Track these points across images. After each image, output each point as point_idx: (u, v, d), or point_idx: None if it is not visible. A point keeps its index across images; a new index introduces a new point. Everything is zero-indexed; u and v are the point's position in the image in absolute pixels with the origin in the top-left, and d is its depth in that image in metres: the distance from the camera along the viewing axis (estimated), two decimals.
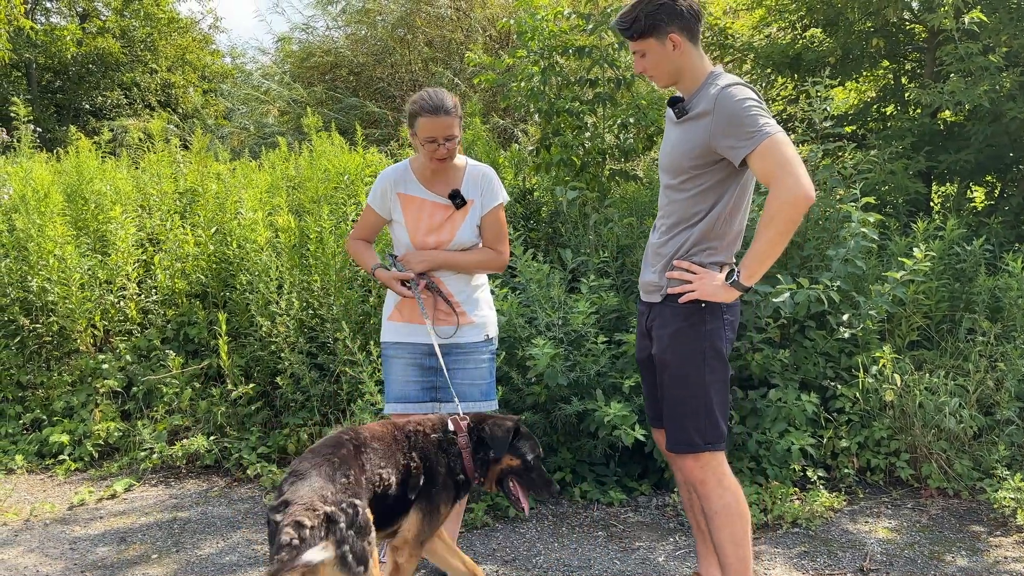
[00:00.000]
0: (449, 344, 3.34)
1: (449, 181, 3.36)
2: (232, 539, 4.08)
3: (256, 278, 5.23)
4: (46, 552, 3.97)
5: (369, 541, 2.42)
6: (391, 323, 3.45)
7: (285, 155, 7.26)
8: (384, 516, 2.68)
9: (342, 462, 2.56)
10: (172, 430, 5.14)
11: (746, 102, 2.64)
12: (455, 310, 3.35)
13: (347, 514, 2.36)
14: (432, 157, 3.24)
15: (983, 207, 6.81)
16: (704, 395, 2.81)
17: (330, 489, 2.43)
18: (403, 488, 2.74)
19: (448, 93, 3.27)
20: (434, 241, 3.33)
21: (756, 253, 2.63)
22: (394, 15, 11.75)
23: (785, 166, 2.54)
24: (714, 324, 2.80)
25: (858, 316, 4.56)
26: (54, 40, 17.28)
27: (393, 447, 2.78)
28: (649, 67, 2.85)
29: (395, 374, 3.41)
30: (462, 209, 3.34)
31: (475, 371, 3.38)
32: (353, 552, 2.34)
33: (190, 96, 18.69)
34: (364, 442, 2.72)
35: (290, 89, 12.04)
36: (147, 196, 6.42)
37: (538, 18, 5.83)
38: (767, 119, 2.61)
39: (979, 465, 4.37)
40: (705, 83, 2.78)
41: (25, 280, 5.59)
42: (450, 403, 3.34)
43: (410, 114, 3.27)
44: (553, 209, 6.14)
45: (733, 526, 2.86)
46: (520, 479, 2.95)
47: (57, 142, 12.63)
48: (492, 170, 3.46)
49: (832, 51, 6.81)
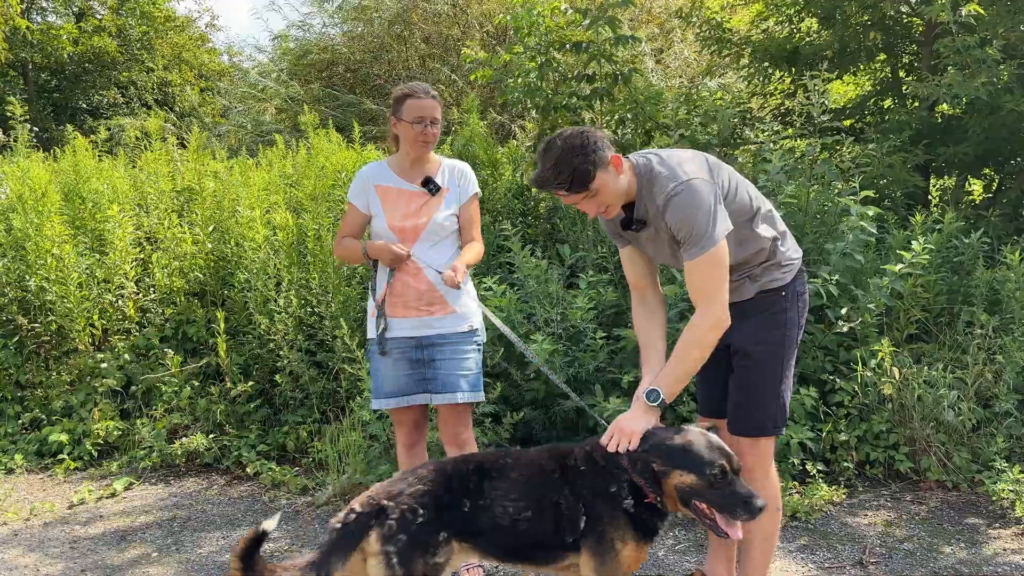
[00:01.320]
0: (433, 335, 3.37)
1: (425, 172, 3.45)
2: (232, 537, 4.09)
3: (254, 276, 5.23)
4: (46, 551, 3.97)
5: (427, 561, 2.37)
6: (375, 319, 3.46)
7: (282, 153, 7.26)
8: (519, 552, 2.57)
9: (440, 477, 2.52)
10: (171, 428, 5.14)
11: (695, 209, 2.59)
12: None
13: (404, 518, 2.37)
14: (418, 139, 3.34)
15: (981, 200, 6.81)
16: (781, 381, 2.82)
17: (399, 489, 2.46)
18: (552, 526, 2.52)
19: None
20: (411, 225, 3.37)
21: (682, 375, 2.64)
22: (390, 12, 11.71)
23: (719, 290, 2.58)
24: (793, 312, 2.82)
25: (857, 310, 4.56)
26: (50, 39, 17.22)
27: (538, 482, 2.56)
28: (604, 200, 2.66)
29: (383, 370, 3.42)
30: (437, 196, 3.42)
31: (462, 361, 3.39)
32: (399, 557, 2.34)
33: (187, 94, 18.64)
34: (501, 468, 2.58)
35: (287, 87, 12.02)
36: (144, 195, 6.41)
37: (535, 14, 5.83)
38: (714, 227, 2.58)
39: (977, 458, 4.38)
40: (640, 186, 2.69)
41: (23, 280, 5.58)
42: (441, 394, 3.37)
43: (397, 98, 3.39)
44: (551, 205, 6.14)
45: (769, 521, 2.87)
46: (704, 499, 2.46)
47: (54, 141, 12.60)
48: (466, 165, 3.56)
49: (829, 45, 6.80)
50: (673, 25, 10.83)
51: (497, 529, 2.51)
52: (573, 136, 2.58)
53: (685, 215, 2.55)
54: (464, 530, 2.50)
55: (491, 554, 2.60)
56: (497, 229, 5.61)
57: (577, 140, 2.57)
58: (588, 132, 2.60)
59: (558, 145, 2.58)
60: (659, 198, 2.61)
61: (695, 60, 10.69)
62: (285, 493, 4.62)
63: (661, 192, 2.61)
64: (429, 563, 2.38)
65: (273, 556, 3.83)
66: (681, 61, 11.06)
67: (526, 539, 2.53)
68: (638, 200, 2.70)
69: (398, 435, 3.54)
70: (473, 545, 2.54)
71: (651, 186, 2.65)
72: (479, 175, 6.57)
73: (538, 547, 2.56)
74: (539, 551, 2.57)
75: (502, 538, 2.53)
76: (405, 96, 3.36)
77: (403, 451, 3.55)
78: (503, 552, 2.59)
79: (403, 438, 3.52)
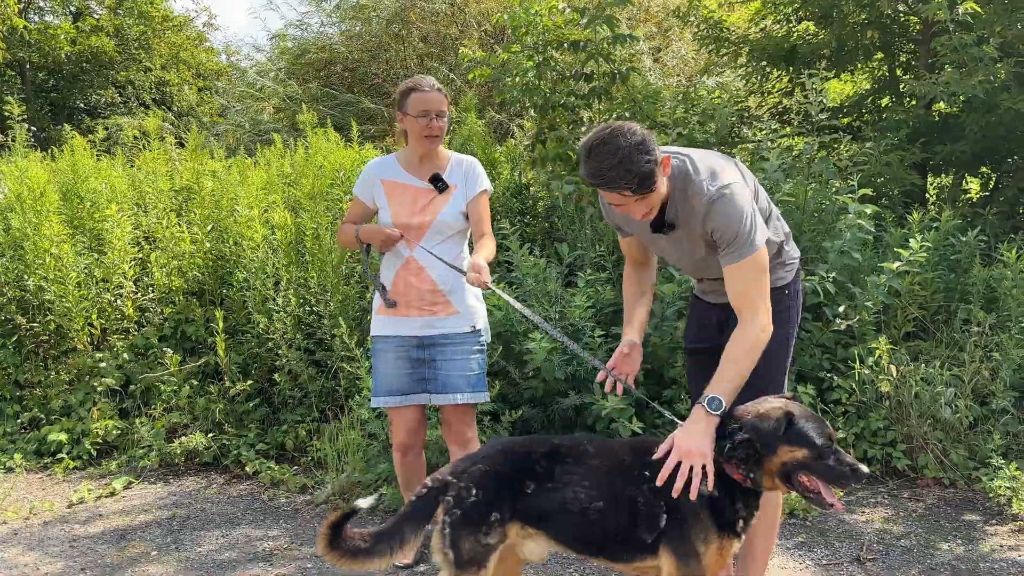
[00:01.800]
0: (435, 335, 3.36)
1: (434, 168, 3.42)
2: (232, 536, 4.09)
3: (253, 275, 5.24)
4: (46, 550, 3.98)
5: (477, 539, 2.39)
6: (379, 317, 3.46)
7: (281, 152, 7.26)
8: (594, 544, 2.49)
9: (507, 458, 2.51)
10: (170, 428, 5.15)
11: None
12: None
13: (459, 495, 2.41)
14: (424, 133, 3.30)
15: (978, 198, 6.82)
16: (780, 376, 2.84)
17: (463, 467, 2.50)
18: (627, 521, 2.43)
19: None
20: (417, 222, 3.35)
21: (738, 381, 2.50)
22: (388, 11, 11.71)
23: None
24: (793, 310, 2.85)
25: (854, 308, 4.57)
26: (48, 39, 17.20)
27: (615, 473, 2.48)
28: (654, 202, 2.57)
29: (384, 368, 3.42)
30: (444, 193, 3.39)
31: (463, 362, 3.38)
32: (452, 532, 2.40)
33: (185, 94, 18.63)
34: (579, 455, 2.51)
35: (285, 86, 12.02)
36: (143, 194, 6.41)
37: (532, 12, 5.83)
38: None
39: (974, 455, 4.39)
40: (673, 188, 2.62)
41: (22, 279, 5.59)
42: (441, 394, 3.36)
43: (402, 92, 3.37)
44: (549, 204, 6.15)
45: (771, 516, 2.87)
46: (812, 471, 2.37)
47: (52, 141, 12.59)
48: (476, 160, 3.52)
49: (827, 43, 6.81)
50: (671, 24, 10.84)
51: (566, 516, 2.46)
52: (634, 133, 2.44)
53: (728, 221, 2.52)
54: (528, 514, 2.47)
55: (562, 543, 2.54)
56: (495, 228, 5.62)
57: (639, 137, 2.43)
58: (644, 130, 2.48)
59: (621, 144, 2.41)
60: (697, 202, 2.57)
61: (693, 59, 10.70)
62: (284, 492, 4.63)
63: (700, 196, 2.56)
64: (481, 543, 2.41)
65: (273, 554, 3.84)
66: (679, 60, 11.08)
67: (599, 530, 2.45)
68: (670, 203, 2.64)
69: (394, 436, 3.50)
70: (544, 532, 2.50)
71: (685, 189, 2.60)
72: None
73: (613, 541, 2.47)
74: (615, 545, 2.48)
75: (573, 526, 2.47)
76: (410, 90, 3.34)
77: (397, 454, 3.51)
78: (575, 542, 2.53)
79: (399, 439, 3.48)
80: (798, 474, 2.37)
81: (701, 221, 2.60)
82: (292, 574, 3.63)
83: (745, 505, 2.45)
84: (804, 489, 2.39)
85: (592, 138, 2.48)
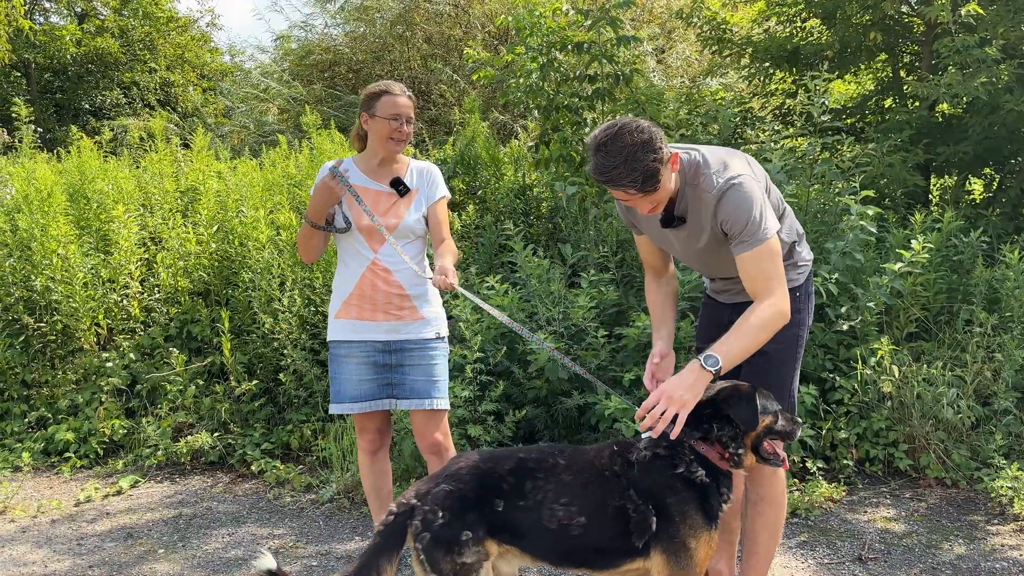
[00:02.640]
0: (402, 340, 3.30)
1: (392, 173, 3.36)
2: (237, 534, 4.13)
3: (258, 275, 5.27)
4: (54, 548, 4.01)
5: (454, 560, 2.35)
6: (340, 321, 3.35)
7: (285, 153, 7.30)
8: (575, 556, 2.47)
9: (472, 477, 2.45)
10: (176, 427, 5.18)
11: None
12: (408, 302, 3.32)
13: (426, 519, 2.37)
14: (391, 136, 3.26)
15: (981, 199, 6.84)
16: (791, 376, 2.86)
17: (426, 488, 2.45)
18: (616, 531, 2.43)
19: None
20: (382, 227, 3.28)
21: (741, 351, 2.51)
22: (392, 12, 11.76)
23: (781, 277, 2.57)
24: (804, 312, 2.87)
25: (856, 308, 4.59)
26: (53, 40, 17.28)
27: (593, 485, 2.46)
28: (661, 198, 2.58)
29: (347, 374, 3.33)
30: (406, 196, 3.34)
31: (429, 367, 3.33)
32: (427, 557, 2.37)
33: (190, 95, 18.69)
34: (549, 469, 2.47)
35: (289, 87, 12.06)
36: (149, 195, 6.46)
37: (536, 14, 5.86)
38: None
39: (977, 455, 4.41)
40: (683, 183, 2.64)
41: (29, 279, 5.63)
42: (408, 399, 3.31)
43: (371, 94, 3.29)
44: (553, 204, 6.17)
45: (775, 515, 2.90)
46: (774, 435, 2.56)
47: (57, 142, 12.65)
48: (435, 166, 3.48)
49: (830, 45, 6.83)
50: (675, 25, 10.85)
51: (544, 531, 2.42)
52: (642, 130, 2.44)
53: (738, 211, 2.53)
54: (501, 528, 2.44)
55: (540, 558, 2.51)
56: (499, 229, 5.65)
57: (646, 135, 2.44)
58: (652, 127, 2.48)
59: (627, 142, 2.42)
60: (707, 196, 2.58)
61: (696, 60, 10.72)
62: (289, 491, 4.66)
63: (710, 189, 2.57)
64: (457, 562, 2.36)
65: (279, 552, 3.87)
66: (683, 61, 11.10)
67: (580, 543, 2.42)
68: (679, 197, 2.65)
69: (360, 441, 3.45)
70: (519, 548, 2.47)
71: (696, 183, 2.61)
72: (481, 175, 6.62)
73: (597, 552, 2.45)
74: (598, 556, 2.46)
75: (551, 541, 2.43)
76: (382, 92, 3.27)
77: (365, 458, 3.47)
78: (556, 556, 2.50)
79: (366, 443, 3.44)
80: (764, 441, 2.55)
81: (712, 214, 2.60)
82: (297, 572, 3.66)
83: (728, 488, 2.52)
84: (767, 455, 2.57)
85: (599, 135, 2.48)
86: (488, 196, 6.43)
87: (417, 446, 3.52)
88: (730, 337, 2.49)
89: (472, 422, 4.42)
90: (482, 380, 4.49)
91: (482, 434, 4.36)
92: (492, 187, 6.48)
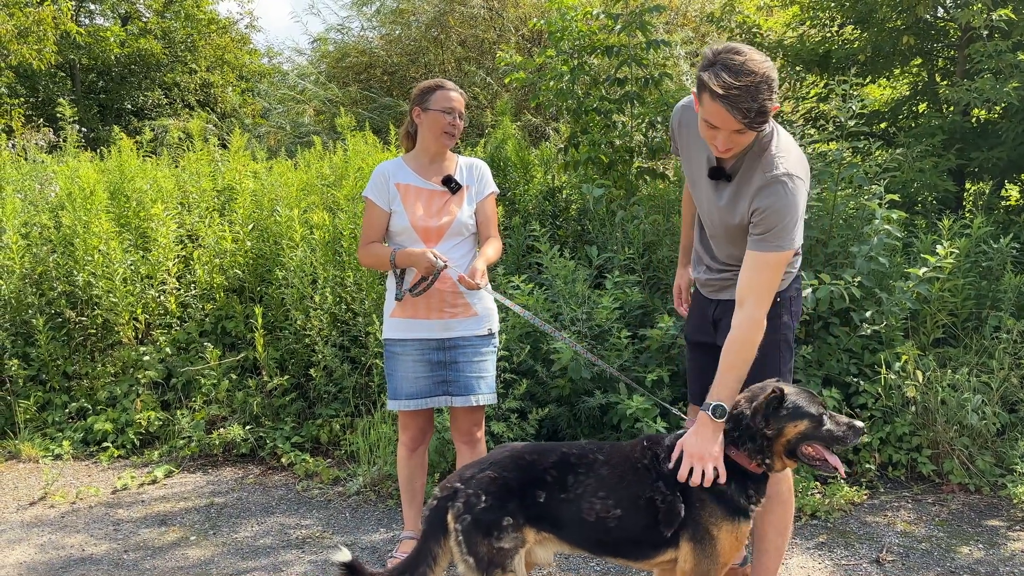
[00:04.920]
0: (455, 337, 3.38)
1: (443, 171, 3.44)
2: (267, 523, 4.24)
3: (291, 273, 5.38)
4: (91, 533, 4.16)
5: (491, 543, 2.41)
6: (395, 319, 3.43)
7: (320, 154, 7.42)
8: (612, 546, 2.54)
9: (516, 467, 2.53)
10: (210, 420, 5.32)
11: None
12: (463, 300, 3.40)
13: (468, 501, 2.44)
14: (445, 129, 3.34)
15: (1016, 204, 6.77)
16: (777, 377, 2.87)
17: (471, 474, 2.53)
18: (644, 520, 2.50)
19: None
20: (435, 225, 3.35)
21: (735, 383, 2.55)
22: (428, 15, 11.87)
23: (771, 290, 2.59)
24: (787, 317, 2.88)
25: (881, 313, 4.59)
26: (98, 41, 17.67)
27: (628, 478, 2.53)
28: (744, 141, 2.53)
29: (403, 371, 3.41)
30: (458, 194, 3.42)
31: (480, 364, 3.42)
32: (466, 538, 2.43)
33: (228, 96, 19.01)
34: (590, 463, 2.55)
35: (325, 89, 12.22)
36: (187, 194, 6.61)
37: (568, 18, 5.92)
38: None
39: (1001, 462, 4.38)
40: (752, 147, 2.59)
41: (71, 275, 5.80)
42: (460, 396, 3.39)
43: (425, 89, 3.39)
44: (581, 206, 6.22)
45: (783, 514, 2.93)
46: (814, 439, 2.48)
47: (100, 141, 12.94)
48: (483, 162, 3.55)
49: (862, 49, 6.81)
50: (708, 29, 10.84)
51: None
52: (770, 69, 2.38)
53: (776, 207, 2.51)
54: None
55: (579, 547, 2.58)
56: (527, 230, 5.72)
57: (772, 74, 2.38)
58: (774, 68, 2.41)
59: (758, 69, 2.35)
60: (760, 173, 2.55)
61: None
62: (318, 483, 4.77)
63: (767, 168, 2.54)
64: (494, 546, 2.42)
65: (305, 542, 3.98)
66: None
67: (616, 534, 2.50)
68: (739, 155, 2.61)
69: (404, 435, 3.53)
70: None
71: (760, 155, 2.57)
72: (510, 177, 6.68)
73: (632, 542, 2.52)
74: (633, 546, 2.53)
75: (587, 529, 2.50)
76: (436, 87, 3.37)
77: (405, 451, 3.55)
78: (594, 546, 2.57)
79: (408, 441, 3.52)
80: (802, 446, 2.48)
81: (753, 193, 2.57)
82: (324, 561, 3.76)
83: (756, 490, 2.54)
84: (810, 459, 2.49)
85: (723, 50, 2.40)
86: (517, 198, 6.49)
87: (443, 438, 3.61)
88: (722, 376, 2.56)
89: (496, 419, 4.50)
90: (506, 378, 4.57)
91: (505, 431, 4.43)
92: (521, 189, 6.55)
